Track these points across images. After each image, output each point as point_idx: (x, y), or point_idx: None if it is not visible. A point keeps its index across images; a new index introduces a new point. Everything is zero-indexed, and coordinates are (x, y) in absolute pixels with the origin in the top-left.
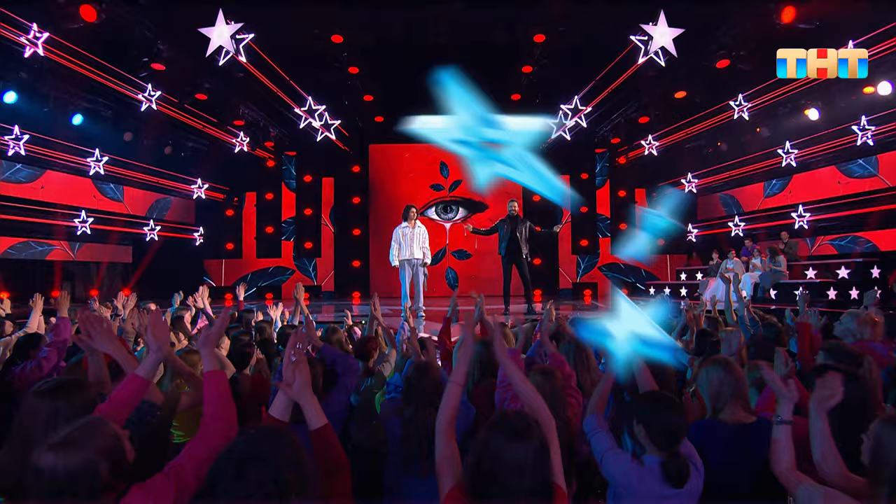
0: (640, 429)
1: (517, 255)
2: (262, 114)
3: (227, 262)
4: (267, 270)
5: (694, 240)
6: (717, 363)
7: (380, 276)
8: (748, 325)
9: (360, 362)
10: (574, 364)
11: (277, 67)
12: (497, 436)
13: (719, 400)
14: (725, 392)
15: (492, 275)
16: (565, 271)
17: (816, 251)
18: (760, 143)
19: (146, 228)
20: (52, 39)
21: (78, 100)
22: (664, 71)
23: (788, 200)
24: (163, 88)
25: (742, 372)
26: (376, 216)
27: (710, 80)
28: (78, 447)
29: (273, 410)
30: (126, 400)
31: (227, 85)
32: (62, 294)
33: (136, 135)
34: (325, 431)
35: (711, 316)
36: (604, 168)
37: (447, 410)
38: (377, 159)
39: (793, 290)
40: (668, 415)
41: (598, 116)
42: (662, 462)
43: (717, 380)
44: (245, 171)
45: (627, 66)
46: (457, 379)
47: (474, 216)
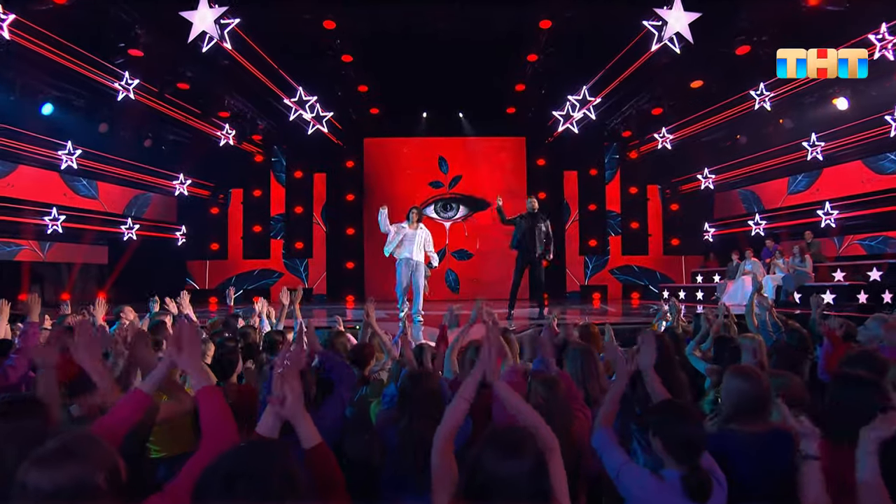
0: (657, 441)
1: (531, 254)
2: (249, 105)
3: (212, 263)
4: (254, 273)
5: (711, 239)
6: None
7: (375, 279)
8: (770, 332)
9: (356, 370)
10: (581, 373)
11: (265, 55)
12: (489, 451)
13: (738, 412)
14: (746, 404)
15: (495, 277)
16: (573, 273)
17: (845, 251)
18: (784, 135)
19: (123, 227)
20: (18, 22)
21: (48, 88)
22: (679, 58)
23: (814, 197)
24: (141, 76)
25: (767, 384)
26: (371, 214)
27: (729, 68)
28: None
29: (261, 428)
30: (125, 416)
31: (211, 73)
32: (31, 297)
33: (112, 126)
34: (320, 450)
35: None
36: (613, 163)
37: (449, 425)
38: (372, 154)
39: (820, 293)
40: (686, 425)
41: (608, 108)
42: (683, 476)
43: (736, 391)
44: (231, 166)
45: (640, 54)
46: (465, 394)
47: (476, 215)
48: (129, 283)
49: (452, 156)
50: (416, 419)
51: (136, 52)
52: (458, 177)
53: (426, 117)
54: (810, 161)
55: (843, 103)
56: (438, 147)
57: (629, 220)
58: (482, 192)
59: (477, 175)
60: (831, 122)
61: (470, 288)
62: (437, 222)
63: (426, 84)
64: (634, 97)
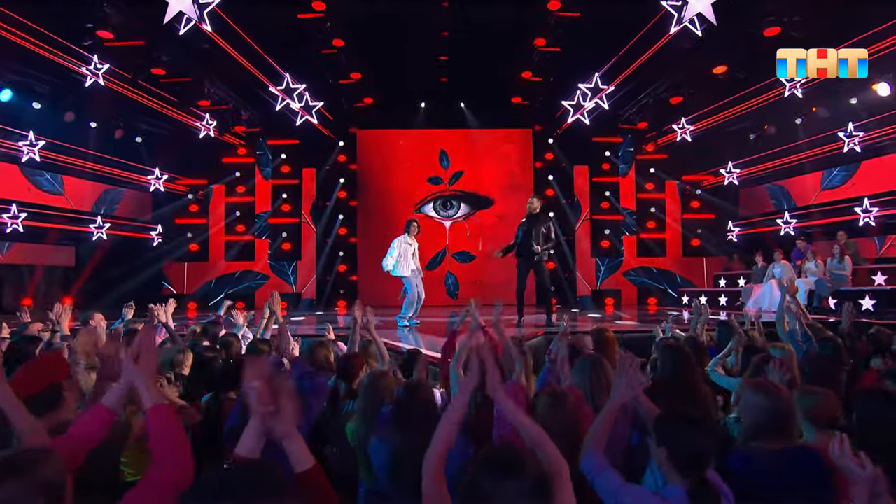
0: (662, 451)
1: (529, 256)
2: (231, 93)
3: (191, 265)
4: (236, 275)
5: (735, 239)
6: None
7: (370, 284)
8: (800, 341)
9: (343, 384)
10: (590, 386)
11: (249, 39)
12: (485, 472)
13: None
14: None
15: (499, 279)
16: (583, 276)
17: (885, 253)
18: (817, 125)
19: (92, 226)
20: None
21: (6, 72)
22: (701, 42)
23: (851, 193)
24: (112, 61)
25: (788, 398)
26: (365, 213)
27: (757, 53)
28: (7, 477)
29: (242, 448)
30: (86, 435)
31: (189, 59)
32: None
33: (79, 115)
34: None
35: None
36: (628, 156)
37: (438, 449)
38: (366, 147)
39: (858, 298)
40: (694, 435)
41: (623, 97)
42: (688, 491)
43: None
44: (212, 160)
45: (657, 38)
46: (453, 416)
47: (478, 213)
48: (98, 287)
49: (453, 149)
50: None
51: (105, 34)
52: (460, 172)
53: (424, 107)
54: (847, 153)
55: (885, 89)
56: (438, 140)
57: (645, 219)
58: (485, 188)
59: (479, 170)
60: (871, 109)
61: (471, 292)
62: (437, 221)
63: (425, 71)
64: (651, 85)
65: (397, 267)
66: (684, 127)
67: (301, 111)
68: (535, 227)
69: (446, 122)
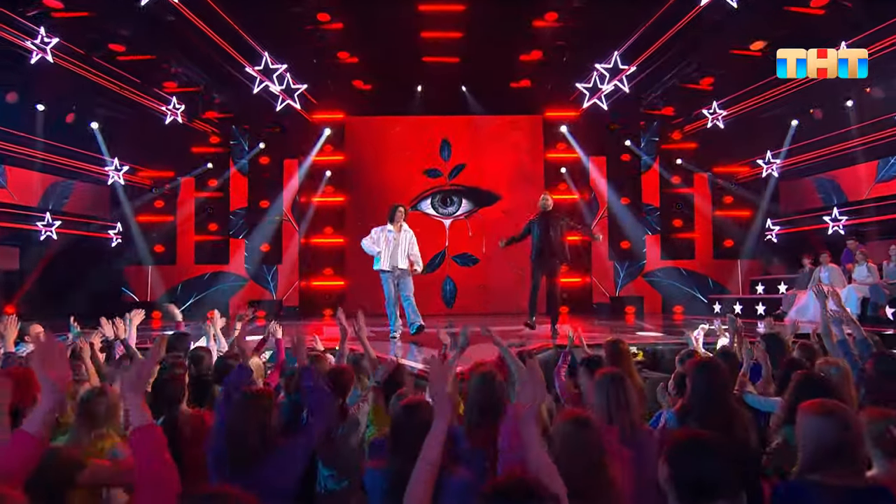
0: (665, 470)
1: (547, 262)
2: (201, 74)
3: (156, 269)
4: (204, 278)
5: (775, 240)
6: (819, 411)
7: (360, 290)
8: (855, 356)
9: None
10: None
11: (221, 12)
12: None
13: (819, 460)
14: (828, 452)
15: (505, 284)
16: (600, 282)
17: None
18: (872, 108)
19: (40, 224)
20: None
21: None
22: (735, 15)
23: None
24: (62, 34)
25: (856, 423)
26: (355, 210)
27: (800, 26)
28: None
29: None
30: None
31: (153, 33)
32: None
33: (23, 96)
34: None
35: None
36: (652, 146)
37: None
38: (357, 136)
39: None
40: (705, 461)
41: (645, 78)
42: None
43: (815, 432)
44: (179, 150)
45: (685, 11)
46: (429, 456)
47: (481, 210)
48: (46, 294)
49: (454, 138)
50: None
51: (52, 2)
52: (462, 165)
53: (422, 91)
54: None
55: None
56: (436, 128)
57: (671, 217)
58: (490, 182)
59: (483, 161)
60: None
61: (471, 300)
62: (435, 219)
63: (422, 51)
64: (678, 64)
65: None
66: (716, 112)
67: (282, 95)
68: (553, 226)
69: (445, 108)
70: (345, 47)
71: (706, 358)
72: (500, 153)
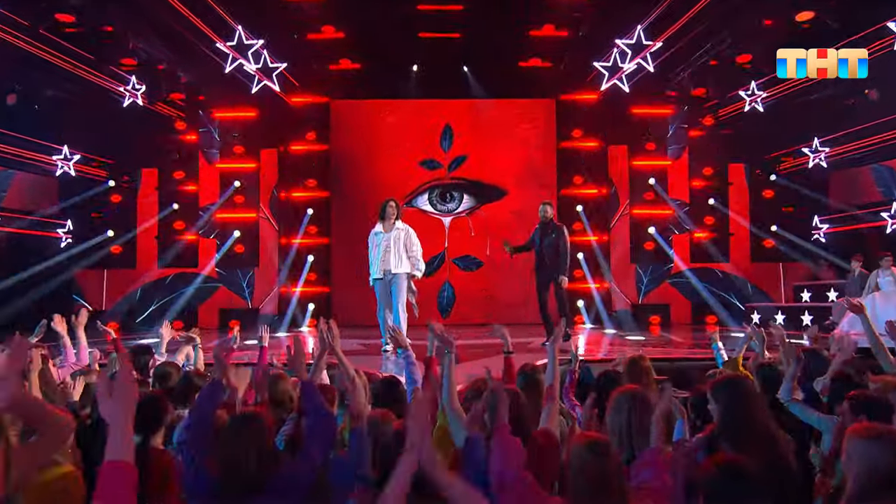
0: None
1: (549, 275)
2: (165, 50)
3: (112, 273)
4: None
5: (823, 239)
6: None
7: (347, 297)
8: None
9: None
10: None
11: None
12: None
13: (867, 490)
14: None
15: (512, 291)
16: (620, 288)
17: None
18: None
19: None
20: None
21: None
22: None
23: None
24: (1, 3)
25: None
26: (341, 207)
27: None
28: None
29: None
30: None
31: (108, 2)
32: None
33: None
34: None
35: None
36: (680, 133)
37: None
38: (344, 122)
39: None
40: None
41: (673, 56)
42: None
43: (865, 459)
44: (140, 137)
45: None
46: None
47: (485, 207)
48: None
49: (454, 125)
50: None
51: None
52: (464, 156)
53: (418, 72)
54: None
55: None
56: (435, 113)
57: (702, 214)
58: (495, 175)
59: (488, 151)
60: None
61: (469, 309)
62: (433, 217)
63: (418, 26)
64: (710, 40)
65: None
66: (754, 94)
67: (258, 74)
68: (547, 239)
69: (445, 91)
70: (329, 20)
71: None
72: (506, 142)
